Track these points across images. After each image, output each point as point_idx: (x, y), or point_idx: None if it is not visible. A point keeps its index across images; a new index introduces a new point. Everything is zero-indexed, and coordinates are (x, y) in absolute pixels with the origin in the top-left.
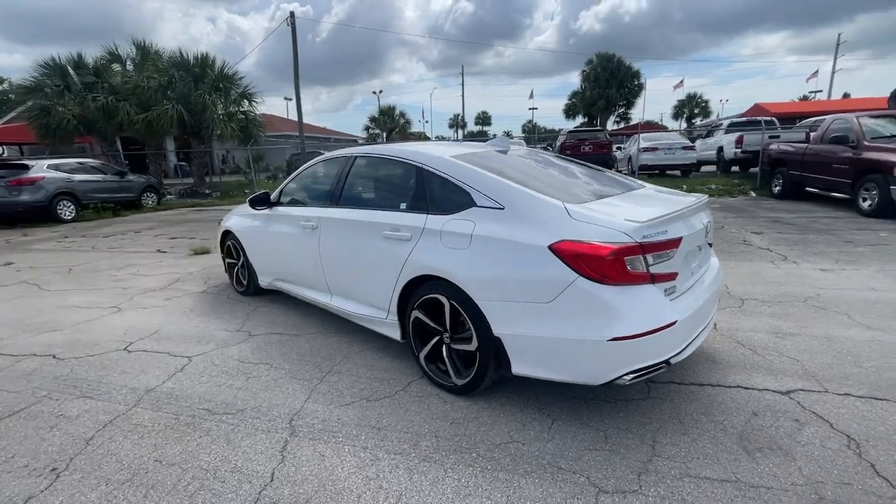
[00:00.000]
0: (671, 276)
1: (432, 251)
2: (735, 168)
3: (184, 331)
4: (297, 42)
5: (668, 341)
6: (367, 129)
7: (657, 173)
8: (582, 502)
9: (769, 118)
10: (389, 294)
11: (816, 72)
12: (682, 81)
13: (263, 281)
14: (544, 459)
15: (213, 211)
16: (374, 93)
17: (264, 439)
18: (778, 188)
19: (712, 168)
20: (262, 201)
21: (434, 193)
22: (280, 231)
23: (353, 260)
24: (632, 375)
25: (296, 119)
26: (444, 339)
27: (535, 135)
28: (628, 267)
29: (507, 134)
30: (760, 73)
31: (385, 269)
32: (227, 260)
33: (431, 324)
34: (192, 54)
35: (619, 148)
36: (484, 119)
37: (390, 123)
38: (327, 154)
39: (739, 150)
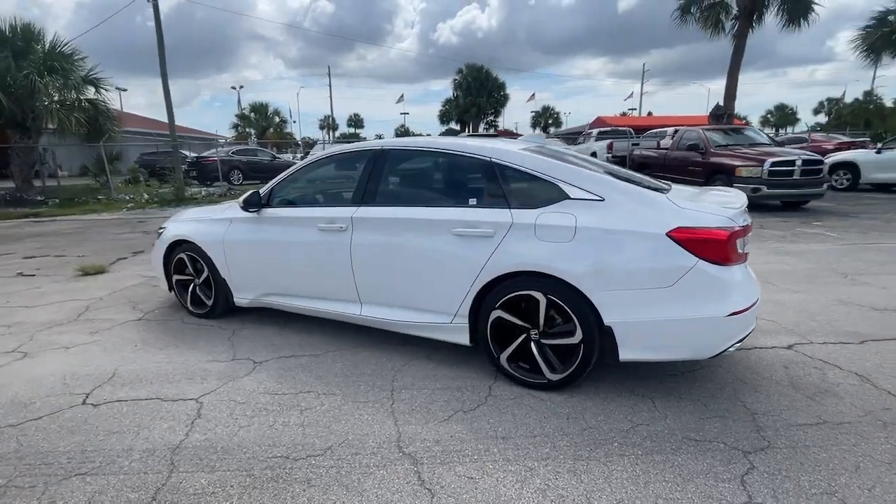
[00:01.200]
0: (747, 257)
1: (525, 246)
2: None
3: (154, 369)
4: (160, 19)
5: (755, 312)
6: (237, 126)
7: None
8: (739, 465)
9: (625, 128)
10: (460, 296)
11: (632, 94)
12: (533, 95)
13: (243, 298)
14: (676, 436)
15: (63, 222)
16: (234, 88)
17: (388, 476)
18: None
19: None
20: (255, 203)
21: (514, 188)
22: (280, 236)
23: (405, 263)
24: (736, 345)
25: (134, 113)
26: (532, 336)
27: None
28: (739, 249)
29: (545, 130)
30: (588, 90)
31: (455, 269)
32: (177, 276)
33: (518, 322)
34: (9, 21)
35: None
36: (356, 121)
37: (264, 122)
38: (338, 148)
39: (610, 154)
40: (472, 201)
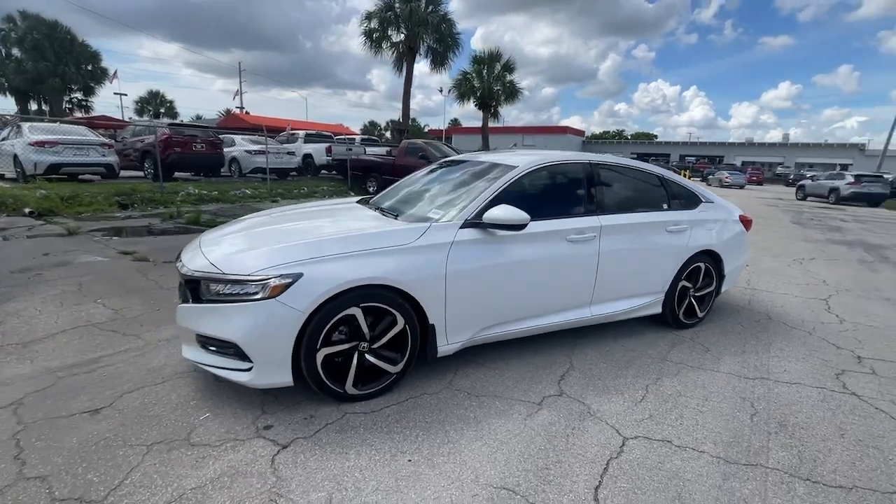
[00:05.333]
0: None
1: (702, 234)
2: (324, 172)
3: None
4: None
5: None
6: None
7: (269, 177)
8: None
9: (338, 133)
10: (668, 278)
11: (238, 92)
12: (115, 73)
13: (454, 343)
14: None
15: None
16: None
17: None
18: (373, 188)
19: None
20: (477, 221)
21: (679, 195)
22: (527, 254)
23: (635, 259)
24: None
25: None
26: (690, 293)
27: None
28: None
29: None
30: (163, 78)
31: (667, 256)
32: (328, 350)
33: (688, 284)
34: None
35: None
36: None
37: None
38: (548, 160)
39: (330, 157)
40: (665, 206)
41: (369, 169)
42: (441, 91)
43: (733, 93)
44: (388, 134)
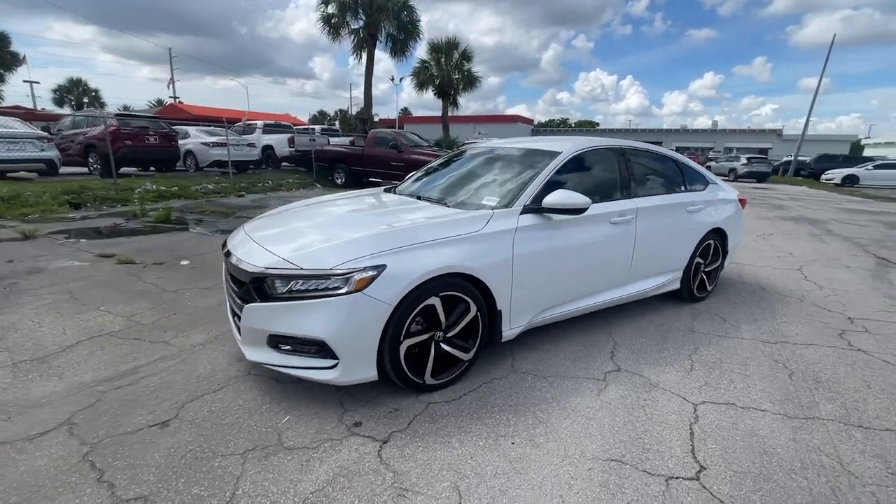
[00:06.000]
0: None
1: (714, 213)
2: (285, 164)
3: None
4: None
5: None
6: None
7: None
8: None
9: (285, 124)
10: (687, 255)
11: (171, 80)
12: (24, 57)
13: (516, 328)
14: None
15: None
16: None
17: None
18: (341, 180)
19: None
20: (537, 210)
21: (691, 178)
22: (579, 237)
23: (664, 239)
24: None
25: None
26: (702, 269)
27: None
28: None
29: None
30: (79, 64)
31: (688, 236)
32: (410, 342)
33: (701, 261)
34: None
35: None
36: None
37: None
38: (586, 146)
39: (293, 149)
40: (681, 188)
41: (336, 160)
42: (392, 80)
43: (665, 82)
44: (337, 123)
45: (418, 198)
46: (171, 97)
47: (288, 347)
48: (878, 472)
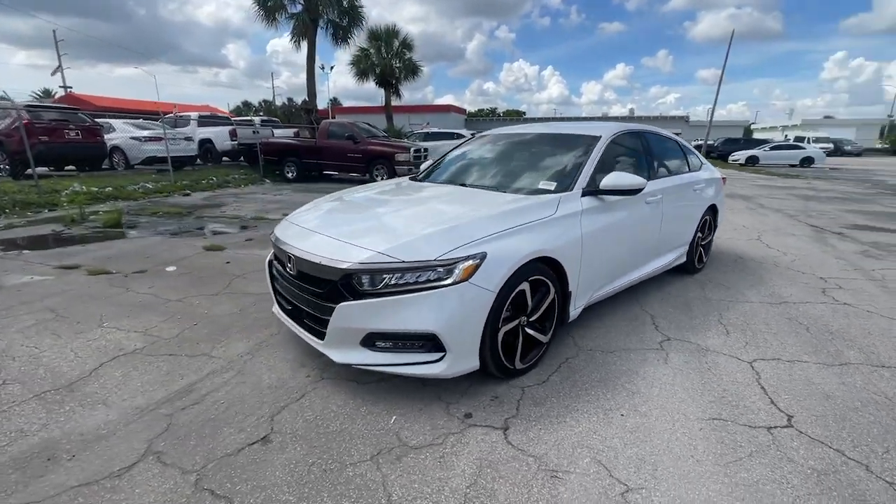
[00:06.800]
0: None
1: (709, 192)
2: (226, 159)
3: None
4: None
5: None
6: None
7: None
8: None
9: (225, 116)
10: (694, 229)
11: (60, 67)
12: None
13: (579, 308)
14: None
15: None
16: None
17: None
18: (292, 174)
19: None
20: (594, 192)
21: (689, 159)
22: (627, 218)
23: (680, 217)
24: None
25: None
26: (700, 243)
27: None
28: None
29: None
30: None
31: (695, 213)
32: (503, 328)
33: (700, 235)
34: None
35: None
36: None
37: None
38: (618, 130)
39: (236, 142)
40: (686, 169)
41: (286, 153)
42: (323, 68)
43: (582, 72)
44: (259, 115)
45: (462, 185)
46: (61, 87)
47: (387, 344)
48: None
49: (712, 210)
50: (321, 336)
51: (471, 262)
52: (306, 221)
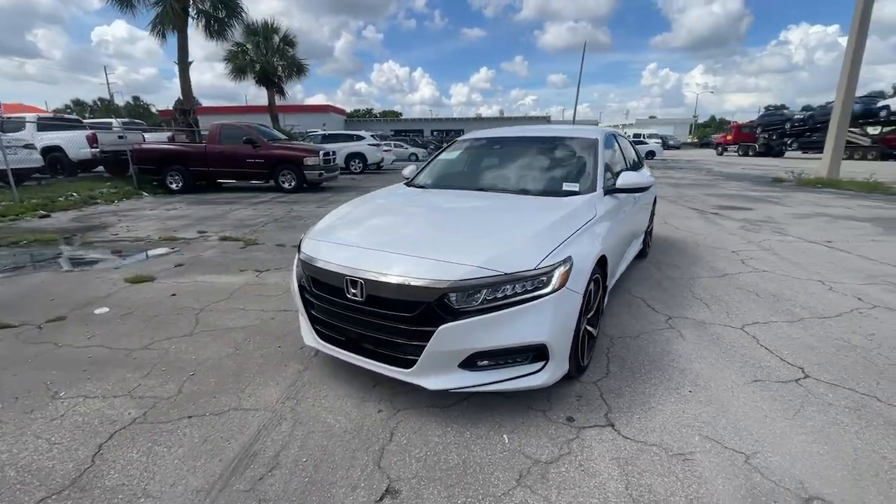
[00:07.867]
0: None
1: (653, 188)
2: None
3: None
4: None
5: None
6: None
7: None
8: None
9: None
10: (649, 219)
11: None
12: None
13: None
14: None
15: None
16: None
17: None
18: (177, 185)
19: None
20: (612, 190)
21: (639, 157)
22: (626, 212)
23: (643, 210)
24: None
25: None
26: (649, 231)
27: None
28: None
29: None
30: None
31: (649, 206)
32: None
33: (649, 226)
34: None
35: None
36: None
37: None
38: (603, 132)
39: (97, 149)
40: (642, 166)
41: (167, 160)
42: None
43: (450, 75)
44: (90, 115)
45: (480, 190)
46: None
47: (488, 363)
48: None
49: (654, 200)
50: (407, 364)
51: (563, 267)
52: (360, 240)
